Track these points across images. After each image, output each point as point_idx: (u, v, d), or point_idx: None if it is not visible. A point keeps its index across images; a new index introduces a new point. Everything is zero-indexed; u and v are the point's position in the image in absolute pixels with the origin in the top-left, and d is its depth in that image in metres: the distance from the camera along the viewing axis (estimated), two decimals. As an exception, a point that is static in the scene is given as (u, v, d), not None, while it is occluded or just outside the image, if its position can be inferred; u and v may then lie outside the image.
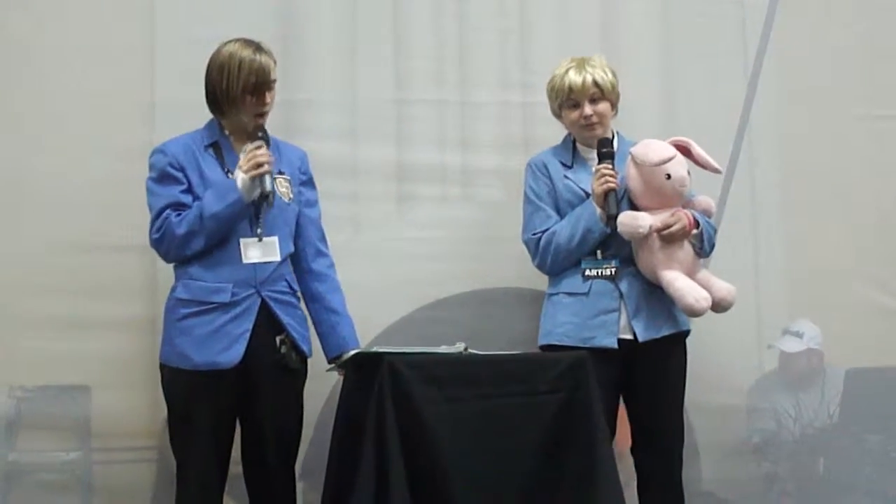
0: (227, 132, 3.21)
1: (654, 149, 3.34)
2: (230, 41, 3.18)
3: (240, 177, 3.09)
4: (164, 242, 3.12)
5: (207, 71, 3.18)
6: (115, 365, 3.49)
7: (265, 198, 3.09)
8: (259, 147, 3.11)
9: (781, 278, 3.98)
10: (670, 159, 3.32)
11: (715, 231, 3.46)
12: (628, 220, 3.28)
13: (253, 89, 3.14)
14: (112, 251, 3.51)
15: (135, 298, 3.51)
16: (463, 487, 2.97)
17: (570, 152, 3.46)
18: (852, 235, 4.02)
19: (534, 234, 3.41)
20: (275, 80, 3.18)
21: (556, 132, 3.55)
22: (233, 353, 3.08)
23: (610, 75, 3.41)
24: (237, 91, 3.13)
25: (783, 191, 4.01)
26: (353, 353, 3.18)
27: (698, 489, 3.76)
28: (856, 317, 3.97)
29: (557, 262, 3.38)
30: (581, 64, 3.40)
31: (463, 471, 2.98)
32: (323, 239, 3.32)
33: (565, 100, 3.39)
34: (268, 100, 3.17)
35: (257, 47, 3.17)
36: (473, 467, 2.99)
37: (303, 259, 3.26)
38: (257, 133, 3.14)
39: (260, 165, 3.08)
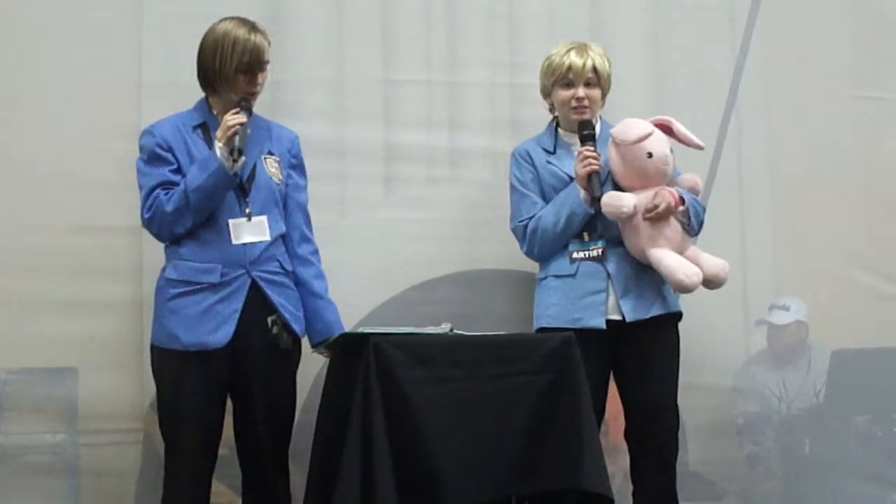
0: (215, 112, 3.20)
1: (631, 127, 3.34)
2: (225, 19, 3.17)
3: (217, 146, 3.08)
4: (155, 221, 3.12)
5: (200, 48, 3.17)
6: (102, 347, 3.48)
7: (231, 153, 3.06)
8: (235, 114, 3.10)
9: (768, 259, 3.99)
10: (647, 136, 3.31)
11: (704, 209, 3.46)
12: (611, 201, 3.28)
13: (246, 69, 3.13)
14: (98, 233, 3.50)
15: (121, 280, 3.50)
16: (449, 467, 2.97)
17: (552, 138, 3.46)
18: (839, 217, 4.03)
19: (521, 222, 3.42)
20: (268, 61, 3.18)
21: (544, 113, 3.54)
22: (222, 334, 3.08)
23: (607, 64, 3.42)
24: (230, 70, 3.12)
25: (770, 172, 4.02)
26: (339, 334, 3.18)
27: (685, 470, 3.77)
28: (842, 297, 3.98)
29: (545, 247, 3.39)
30: (582, 48, 3.41)
31: (449, 451, 2.98)
32: (308, 224, 3.31)
33: (560, 78, 3.39)
34: (259, 80, 3.17)
35: (252, 27, 3.16)
36: (459, 447, 2.99)
37: (288, 242, 3.25)
38: (239, 103, 3.13)
39: (231, 128, 3.07)
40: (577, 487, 3.05)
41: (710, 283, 3.37)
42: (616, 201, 3.28)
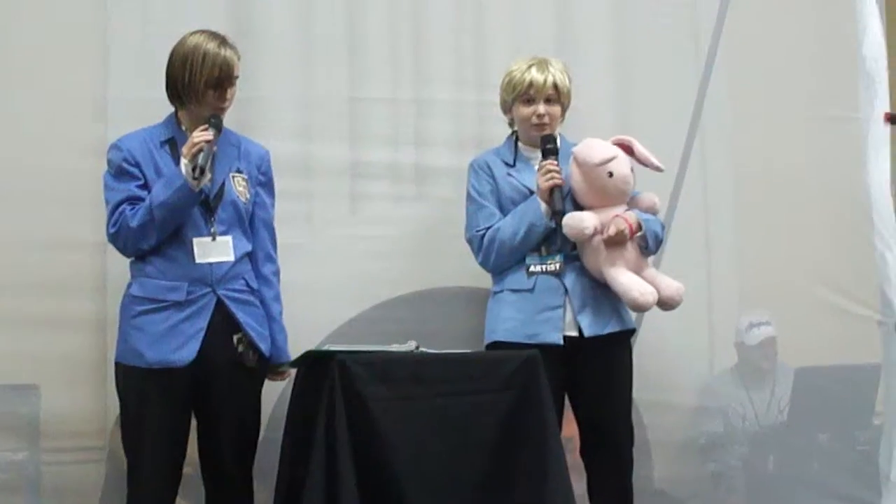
0: (184, 127, 3.18)
1: (596, 149, 3.35)
2: (195, 32, 3.16)
3: (182, 163, 3.07)
4: (120, 236, 3.10)
5: (170, 61, 3.15)
6: (65, 364, 3.44)
7: (193, 171, 3.04)
8: (203, 130, 3.09)
9: (733, 277, 4.01)
10: (612, 159, 3.33)
11: (663, 227, 3.48)
12: (573, 223, 3.29)
13: (216, 84, 3.12)
14: (61, 248, 3.47)
15: (84, 296, 3.47)
16: (414, 486, 2.97)
17: (512, 152, 3.47)
18: (803, 235, 4.05)
19: (477, 231, 3.41)
20: (237, 76, 3.17)
21: (510, 130, 3.55)
22: (186, 352, 3.06)
23: (567, 80, 3.43)
24: (199, 84, 3.11)
25: (735, 190, 4.04)
26: (304, 352, 3.17)
27: (650, 488, 3.78)
28: (807, 315, 4.00)
29: (501, 259, 3.39)
30: (543, 64, 3.42)
31: (414, 469, 2.98)
32: (273, 243, 3.29)
33: (521, 94, 3.40)
34: (228, 95, 3.16)
35: (223, 41, 3.15)
36: (425, 466, 2.99)
37: (252, 261, 3.24)
38: (209, 119, 3.11)
39: (196, 145, 3.06)
40: (542, 505, 3.06)
41: (665, 304, 3.39)
42: (578, 223, 3.29)
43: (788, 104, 4.08)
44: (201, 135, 3.07)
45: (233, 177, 3.19)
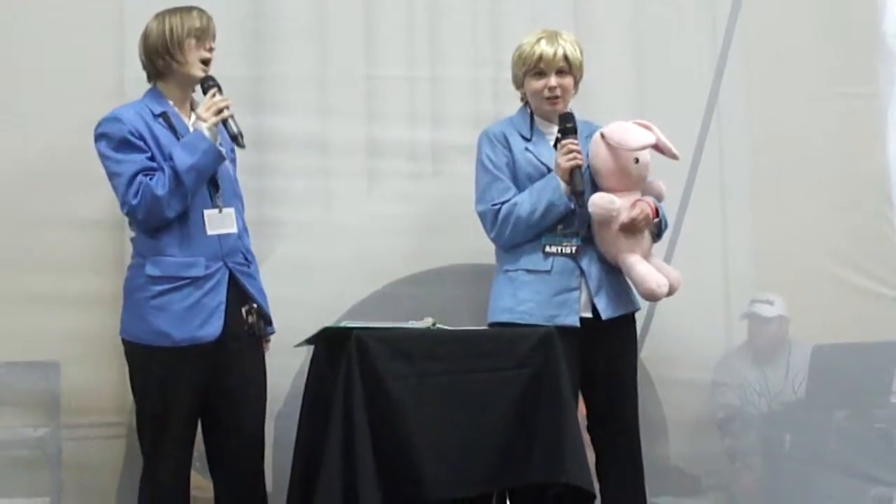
0: (171, 102, 3.16)
1: (634, 134, 3.31)
2: (158, 14, 3.14)
3: (203, 126, 3.06)
4: (143, 206, 3.02)
5: (146, 36, 3.12)
6: (85, 341, 3.47)
7: (235, 139, 3.05)
8: (213, 94, 3.08)
9: (749, 255, 4.02)
10: (647, 146, 3.29)
11: (666, 223, 3.46)
12: (603, 202, 3.27)
13: (198, 33, 3.09)
14: (80, 226, 3.51)
15: (103, 273, 3.50)
16: (430, 461, 2.98)
17: (528, 125, 3.41)
18: (820, 212, 4.05)
19: (493, 206, 3.36)
20: (214, 36, 3.13)
21: (525, 108, 3.54)
22: (212, 327, 3.06)
23: (578, 52, 3.38)
24: (181, 35, 3.07)
25: (752, 168, 4.04)
26: (321, 328, 3.18)
27: (666, 465, 3.79)
28: (822, 293, 4.01)
29: (517, 235, 3.34)
30: (553, 36, 3.38)
31: (431, 445, 2.99)
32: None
33: (531, 68, 3.36)
34: (213, 45, 3.13)
35: (193, 6, 3.14)
36: (441, 442, 3.00)
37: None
38: (207, 82, 3.10)
39: (221, 111, 3.05)
40: (559, 481, 3.07)
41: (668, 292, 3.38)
42: (607, 203, 3.26)
43: (806, 82, 4.07)
44: (222, 99, 3.06)
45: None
